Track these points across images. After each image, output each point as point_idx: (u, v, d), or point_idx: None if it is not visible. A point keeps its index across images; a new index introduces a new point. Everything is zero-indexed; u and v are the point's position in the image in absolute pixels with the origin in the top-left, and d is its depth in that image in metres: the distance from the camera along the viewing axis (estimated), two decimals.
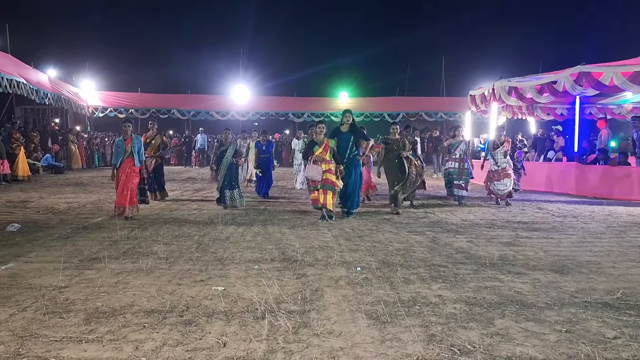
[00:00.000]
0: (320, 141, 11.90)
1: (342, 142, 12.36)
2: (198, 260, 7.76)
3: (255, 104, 36.84)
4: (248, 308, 5.58)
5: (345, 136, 12.46)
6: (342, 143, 12.35)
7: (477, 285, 6.56)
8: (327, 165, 11.77)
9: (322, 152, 11.77)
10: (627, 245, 9.29)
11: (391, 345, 4.65)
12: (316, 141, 11.97)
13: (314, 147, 11.89)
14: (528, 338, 4.85)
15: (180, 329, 4.99)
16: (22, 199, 15.19)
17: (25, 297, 5.91)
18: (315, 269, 7.36)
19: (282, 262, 7.76)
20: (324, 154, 11.76)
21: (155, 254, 8.05)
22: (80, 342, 4.65)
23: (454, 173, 15.36)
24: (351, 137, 12.46)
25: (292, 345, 4.64)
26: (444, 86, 45.43)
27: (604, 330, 5.06)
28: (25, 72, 22.25)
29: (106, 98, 35.37)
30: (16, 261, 7.62)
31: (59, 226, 10.58)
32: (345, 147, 12.40)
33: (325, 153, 11.77)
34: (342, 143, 12.35)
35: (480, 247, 8.80)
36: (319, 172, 11.68)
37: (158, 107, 35.64)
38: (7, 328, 4.97)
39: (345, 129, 12.58)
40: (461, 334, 4.94)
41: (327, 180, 11.69)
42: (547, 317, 5.42)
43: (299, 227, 10.96)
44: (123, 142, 11.81)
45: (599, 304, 5.86)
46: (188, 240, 9.19)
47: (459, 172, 15.26)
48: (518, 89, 19.16)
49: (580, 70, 15.90)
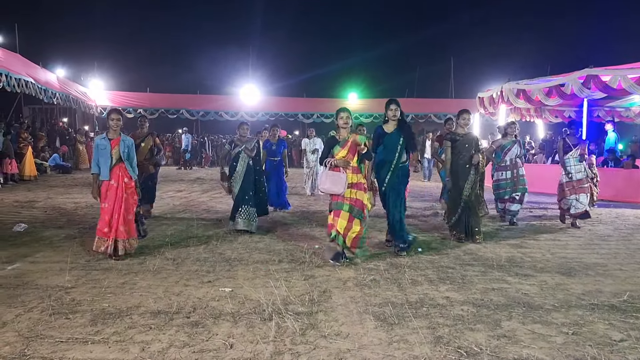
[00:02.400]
0: (343, 138, 7.94)
1: (388, 147, 8.65)
2: (205, 261, 7.76)
3: (264, 105, 36.79)
4: (255, 309, 5.59)
5: (392, 138, 8.62)
6: (388, 148, 8.65)
7: (485, 287, 6.56)
8: (354, 175, 7.87)
9: (345, 154, 7.85)
10: (634, 247, 9.26)
11: (398, 347, 4.65)
12: (337, 138, 7.98)
13: (334, 146, 7.96)
14: (535, 340, 4.85)
15: (187, 330, 4.99)
16: (29, 198, 15.21)
17: (32, 297, 5.93)
18: (323, 270, 7.36)
19: (290, 263, 7.76)
20: (348, 157, 7.85)
21: (163, 255, 8.06)
22: (86, 343, 4.66)
23: (507, 185, 11.89)
24: (400, 138, 8.57)
25: (300, 347, 4.64)
26: (453, 88, 45.41)
27: (611, 333, 5.05)
28: (33, 72, 22.26)
29: (115, 98, 35.41)
30: (23, 261, 7.64)
31: (66, 226, 10.59)
32: (393, 153, 8.58)
33: (350, 156, 7.85)
34: (388, 148, 8.65)
35: (488, 249, 8.78)
36: (341, 181, 7.73)
37: (167, 107, 35.61)
38: (13, 328, 4.99)
39: (392, 127, 8.70)
40: (468, 335, 4.93)
41: (354, 201, 7.82)
42: (554, 319, 5.42)
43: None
44: (108, 141, 8.08)
45: (605, 306, 5.85)
46: (196, 241, 9.18)
47: (513, 182, 11.85)
48: (526, 92, 19.09)
49: (588, 73, 15.84)
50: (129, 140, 8.33)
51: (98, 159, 8.08)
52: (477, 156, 9.53)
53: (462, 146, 9.58)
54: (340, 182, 7.72)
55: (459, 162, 9.58)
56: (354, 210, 7.78)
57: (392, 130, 8.68)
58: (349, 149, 7.82)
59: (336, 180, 7.75)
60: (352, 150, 7.83)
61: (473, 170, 9.54)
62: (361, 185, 7.91)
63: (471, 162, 9.53)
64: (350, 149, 7.82)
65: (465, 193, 9.51)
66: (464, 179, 9.54)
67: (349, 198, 7.80)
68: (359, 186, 7.88)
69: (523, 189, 11.87)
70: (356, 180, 7.88)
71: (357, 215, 7.78)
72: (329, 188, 7.82)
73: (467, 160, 9.54)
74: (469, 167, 9.53)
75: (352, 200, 7.81)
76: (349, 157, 7.85)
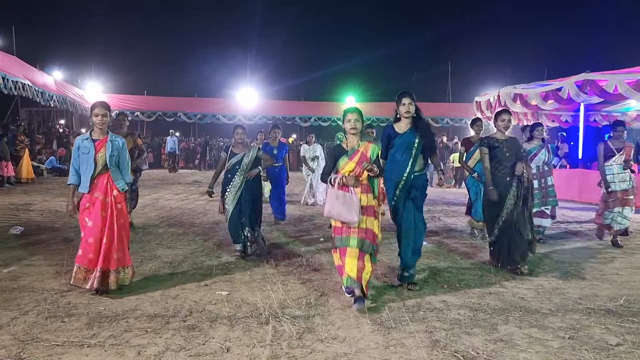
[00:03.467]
0: (352, 148, 6.24)
1: (400, 151, 6.85)
2: (202, 265, 7.75)
3: (262, 108, 36.76)
4: (252, 313, 5.58)
5: (405, 140, 6.85)
6: (399, 151, 6.86)
7: (481, 291, 6.56)
8: (364, 196, 6.11)
9: (354, 168, 6.12)
10: (631, 252, 9.28)
11: (395, 351, 4.65)
12: (344, 147, 6.28)
13: (341, 158, 6.23)
14: (531, 344, 4.85)
15: (183, 333, 4.98)
16: (25, 201, 15.19)
17: (27, 300, 5.92)
18: (320, 274, 7.35)
19: (287, 266, 7.75)
20: (357, 172, 6.12)
21: (159, 258, 8.06)
22: (82, 347, 4.65)
23: (535, 197, 9.65)
24: (415, 140, 6.80)
25: (296, 351, 4.63)
26: (450, 92, 45.45)
27: (607, 337, 5.05)
28: (30, 74, 22.23)
29: (112, 100, 35.22)
30: (18, 264, 7.63)
31: (62, 229, 10.57)
32: (405, 158, 6.80)
33: (359, 170, 6.11)
34: (399, 151, 6.86)
35: (485, 253, 8.77)
36: (355, 205, 5.93)
37: (164, 110, 35.61)
38: (8, 332, 4.97)
39: (405, 126, 6.94)
40: (465, 339, 4.93)
41: (364, 233, 6.02)
42: (551, 323, 5.42)
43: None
44: (91, 143, 6.45)
45: (602, 310, 5.85)
46: (192, 245, 9.17)
47: (541, 193, 10.28)
48: (523, 96, 19.16)
49: (585, 78, 15.89)
50: (119, 141, 6.61)
51: (78, 166, 6.41)
52: (520, 166, 7.90)
53: (502, 154, 7.97)
54: (353, 206, 5.89)
55: (498, 174, 7.96)
56: (365, 244, 5.96)
57: (406, 130, 6.89)
58: (359, 161, 6.09)
59: (349, 203, 5.89)
60: (362, 162, 6.09)
61: (515, 182, 7.90)
62: (372, 210, 6.12)
63: (513, 173, 7.90)
64: (360, 161, 6.09)
65: (505, 211, 7.86)
66: (505, 194, 7.88)
67: (357, 229, 5.95)
68: (369, 211, 6.09)
69: (553, 201, 10.42)
70: (366, 203, 6.08)
71: (368, 250, 5.99)
72: (340, 214, 5.90)
73: (508, 172, 7.93)
74: (511, 179, 7.91)
75: (361, 232, 5.95)
76: (359, 171, 6.08)
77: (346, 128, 6.28)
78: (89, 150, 6.40)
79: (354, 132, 6.24)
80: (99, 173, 6.39)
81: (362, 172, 6.06)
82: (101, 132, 6.53)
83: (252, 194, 8.55)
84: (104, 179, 6.41)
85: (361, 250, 5.96)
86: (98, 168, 6.39)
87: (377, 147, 6.31)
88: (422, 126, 6.97)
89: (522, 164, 7.95)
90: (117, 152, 6.53)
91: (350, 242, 5.98)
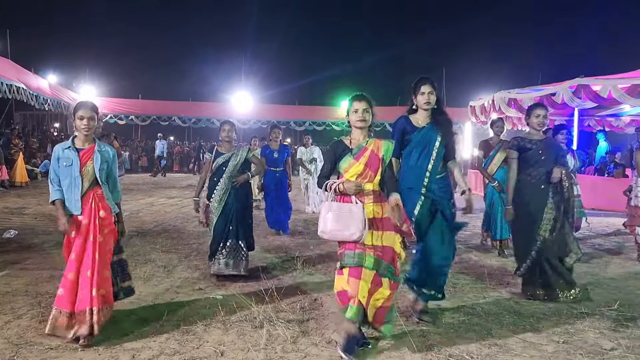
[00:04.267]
0: (358, 145, 4.99)
1: (416, 149, 5.64)
2: (196, 269, 7.74)
3: (256, 112, 36.70)
4: (246, 317, 5.58)
5: (424, 137, 5.63)
6: (416, 151, 5.64)
7: (476, 296, 6.57)
8: (377, 207, 4.89)
9: (362, 171, 4.90)
10: (625, 257, 9.28)
11: (390, 355, 4.66)
12: (348, 145, 5.02)
13: (344, 159, 4.97)
14: (526, 349, 4.86)
15: (177, 337, 4.98)
16: (19, 205, 15.12)
17: (21, 304, 5.90)
18: (315, 278, 7.36)
19: (281, 270, 7.75)
20: (366, 177, 4.90)
21: (153, 262, 8.04)
22: (76, 350, 4.65)
23: None
24: (437, 137, 5.60)
25: (291, 355, 4.64)
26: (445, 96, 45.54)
27: (601, 342, 5.07)
28: (25, 78, 22.16)
29: (106, 104, 35.24)
30: (12, 268, 7.60)
31: (56, 233, 10.50)
32: (424, 160, 5.59)
33: (369, 173, 4.91)
34: (416, 151, 5.64)
35: (479, 258, 8.78)
36: (356, 218, 4.69)
37: (159, 114, 35.52)
38: (2, 335, 4.97)
39: (423, 120, 5.70)
40: (459, 344, 4.94)
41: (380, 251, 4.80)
42: (545, 327, 5.43)
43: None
44: (75, 153, 5.15)
45: (596, 315, 5.86)
46: (187, 248, 9.16)
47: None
48: (517, 101, 19.15)
49: (579, 83, 15.90)
50: (108, 150, 5.32)
51: (59, 180, 5.10)
52: (558, 171, 6.42)
53: (536, 157, 6.52)
54: (354, 220, 4.63)
55: (531, 181, 6.50)
56: (382, 265, 4.72)
57: (425, 124, 5.64)
58: (368, 162, 4.86)
59: (347, 217, 4.67)
60: (373, 163, 4.86)
61: (551, 191, 6.43)
62: (389, 222, 4.78)
63: (549, 180, 6.43)
64: (370, 162, 4.86)
65: (543, 228, 6.36)
66: (540, 207, 6.43)
67: (372, 246, 4.73)
68: (385, 224, 4.81)
69: (580, 212, 9.49)
70: (381, 214, 4.82)
71: (385, 272, 4.73)
72: (334, 231, 4.69)
73: (543, 178, 6.47)
74: (546, 187, 6.45)
75: (377, 250, 4.74)
76: (367, 174, 4.85)
77: (351, 120, 5.01)
78: (72, 162, 5.09)
79: (362, 125, 4.95)
80: (86, 191, 5.11)
81: (374, 175, 4.85)
82: (87, 139, 5.20)
83: (241, 204, 7.40)
84: (88, 197, 5.12)
85: (377, 273, 4.69)
86: (85, 184, 5.10)
87: (391, 145, 5.01)
88: (444, 121, 5.72)
89: (561, 170, 6.47)
90: (108, 165, 5.25)
91: (367, 262, 4.67)
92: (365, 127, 4.99)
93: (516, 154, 6.61)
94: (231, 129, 7.61)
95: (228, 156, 7.41)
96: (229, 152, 7.46)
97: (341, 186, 4.84)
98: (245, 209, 7.51)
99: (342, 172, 4.95)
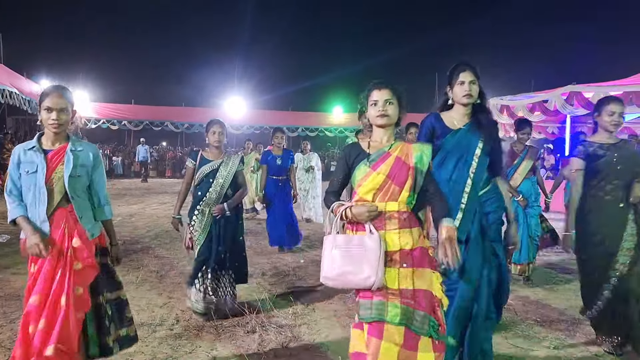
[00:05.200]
0: (378, 152, 3.52)
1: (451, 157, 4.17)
2: (189, 274, 7.74)
3: (249, 118, 36.73)
4: (239, 322, 5.59)
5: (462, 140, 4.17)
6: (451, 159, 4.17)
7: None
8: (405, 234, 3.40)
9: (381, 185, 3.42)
10: None
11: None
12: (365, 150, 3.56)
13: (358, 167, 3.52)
14: (517, 355, 4.87)
15: (170, 342, 4.99)
16: None
17: (14, 308, 5.89)
18: (307, 283, 7.37)
19: (273, 276, 7.76)
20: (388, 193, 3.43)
21: (146, 267, 8.04)
22: None
23: None
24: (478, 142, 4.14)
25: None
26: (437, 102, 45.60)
27: (592, 348, 5.09)
28: (18, 82, 22.11)
29: (99, 109, 35.21)
30: (4, 272, 7.60)
31: None
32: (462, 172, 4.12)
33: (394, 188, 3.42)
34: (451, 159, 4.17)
35: None
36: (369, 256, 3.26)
37: (151, 119, 35.50)
38: None
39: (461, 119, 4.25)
40: None
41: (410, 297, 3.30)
42: (536, 333, 5.46)
43: None
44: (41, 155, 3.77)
45: (587, 321, 5.87)
46: (179, 254, 9.15)
47: None
48: (510, 107, 19.23)
49: (571, 90, 15.97)
50: (87, 150, 3.92)
51: (20, 192, 3.78)
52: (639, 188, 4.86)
53: (611, 167, 4.90)
54: (368, 259, 3.28)
55: (604, 198, 4.92)
56: (416, 318, 3.27)
57: (461, 125, 4.20)
58: (391, 172, 3.43)
59: (359, 254, 3.31)
60: (399, 174, 3.43)
61: (632, 213, 4.89)
62: (423, 256, 3.42)
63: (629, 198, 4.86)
64: (394, 172, 3.43)
65: (620, 260, 4.83)
66: (617, 233, 4.87)
67: (398, 290, 3.31)
68: (418, 258, 3.41)
69: None
70: (411, 245, 3.40)
71: (421, 328, 3.27)
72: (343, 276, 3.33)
73: (620, 195, 4.89)
74: (625, 207, 4.88)
75: (405, 296, 3.30)
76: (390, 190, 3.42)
77: (370, 117, 3.61)
78: (35, 167, 3.74)
79: (383, 122, 3.53)
80: (56, 208, 3.74)
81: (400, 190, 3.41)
82: (57, 137, 3.83)
83: (231, 228, 5.98)
84: (60, 217, 3.74)
85: (409, 328, 3.25)
86: (55, 198, 3.73)
87: (426, 149, 3.56)
88: (488, 122, 4.27)
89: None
90: (86, 171, 3.85)
91: (390, 313, 3.25)
92: (390, 125, 3.57)
93: (583, 164, 4.99)
94: (222, 131, 5.97)
95: (217, 164, 5.89)
96: (219, 159, 5.93)
97: (348, 212, 3.42)
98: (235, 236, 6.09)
99: (356, 187, 3.52)
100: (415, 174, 3.44)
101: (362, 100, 3.67)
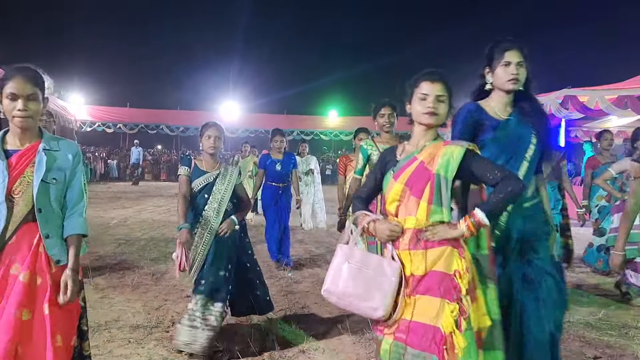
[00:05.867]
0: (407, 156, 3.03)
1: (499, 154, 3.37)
2: (185, 276, 7.72)
3: (244, 121, 36.71)
4: (234, 324, 5.59)
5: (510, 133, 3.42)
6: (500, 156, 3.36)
7: None
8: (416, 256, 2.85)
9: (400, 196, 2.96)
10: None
11: None
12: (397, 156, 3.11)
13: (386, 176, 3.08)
14: None
15: (166, 344, 4.98)
16: None
17: None
18: (302, 286, 7.38)
19: (269, 279, 7.75)
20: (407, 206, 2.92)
21: (142, 270, 8.02)
22: None
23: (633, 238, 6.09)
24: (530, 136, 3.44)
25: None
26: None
27: (586, 350, 5.11)
28: None
29: (95, 112, 35.17)
30: None
31: None
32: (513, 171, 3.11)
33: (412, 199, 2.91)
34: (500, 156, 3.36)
35: None
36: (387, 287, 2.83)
37: (147, 122, 35.44)
38: None
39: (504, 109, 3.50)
40: None
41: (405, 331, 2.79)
42: None
43: None
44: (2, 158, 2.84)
45: (581, 324, 5.91)
46: None
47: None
48: None
49: (566, 94, 16.01)
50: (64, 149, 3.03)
51: None
52: None
53: None
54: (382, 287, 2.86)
55: None
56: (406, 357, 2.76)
57: (506, 115, 3.50)
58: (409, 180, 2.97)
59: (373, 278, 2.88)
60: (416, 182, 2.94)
61: None
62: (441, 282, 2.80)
63: None
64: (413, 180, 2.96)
65: None
66: None
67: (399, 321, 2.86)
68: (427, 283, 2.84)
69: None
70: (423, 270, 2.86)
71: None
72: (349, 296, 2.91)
73: None
74: None
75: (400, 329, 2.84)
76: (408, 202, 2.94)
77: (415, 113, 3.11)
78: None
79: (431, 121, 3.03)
80: (20, 224, 2.87)
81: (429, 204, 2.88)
82: (25, 134, 2.96)
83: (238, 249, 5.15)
84: (30, 234, 2.89)
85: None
86: (19, 211, 2.87)
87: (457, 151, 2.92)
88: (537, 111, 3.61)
89: None
90: (63, 175, 2.98)
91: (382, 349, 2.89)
92: (436, 126, 3.08)
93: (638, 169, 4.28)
94: (218, 135, 5.09)
95: (212, 177, 5.00)
96: (214, 169, 5.04)
97: (371, 225, 3.00)
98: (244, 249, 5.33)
99: (388, 194, 3.04)
100: (435, 183, 2.85)
101: (408, 90, 3.14)
